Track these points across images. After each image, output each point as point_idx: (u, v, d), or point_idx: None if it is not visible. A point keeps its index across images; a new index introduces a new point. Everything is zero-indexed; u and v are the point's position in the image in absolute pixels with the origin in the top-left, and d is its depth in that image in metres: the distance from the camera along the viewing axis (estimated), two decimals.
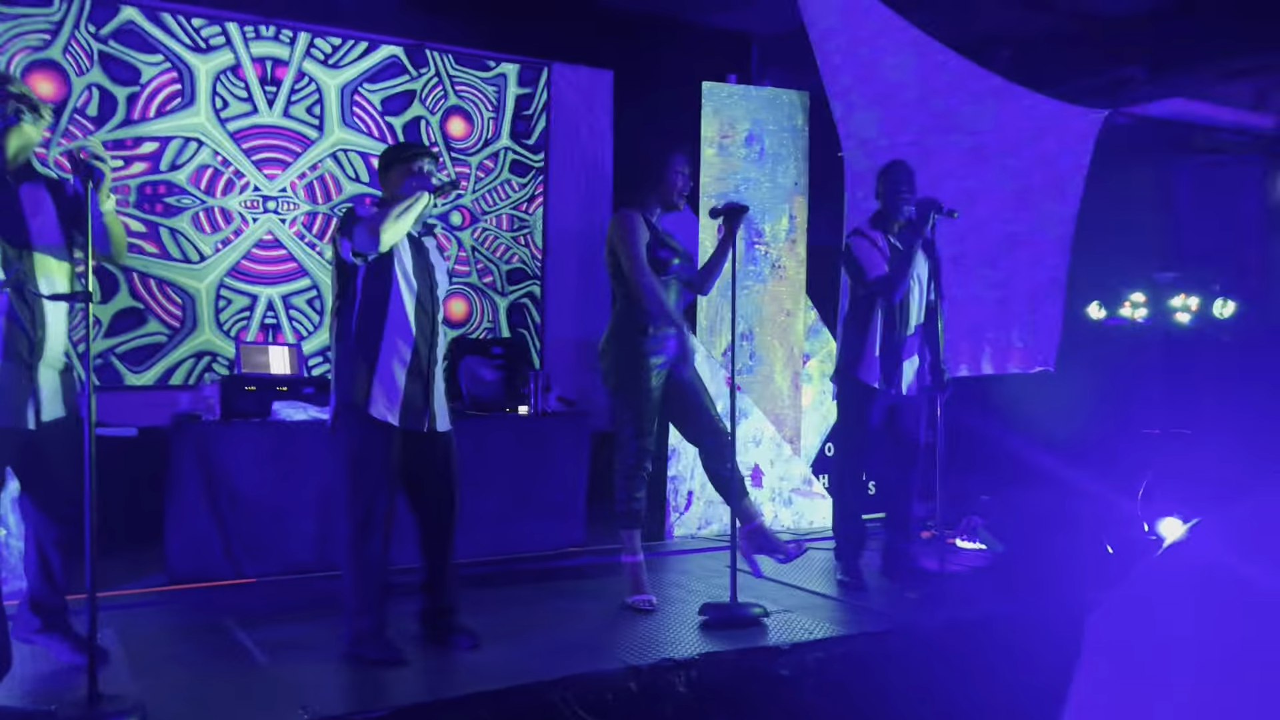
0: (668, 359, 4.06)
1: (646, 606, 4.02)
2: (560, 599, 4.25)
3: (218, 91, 5.97)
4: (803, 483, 5.98)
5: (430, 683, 3.19)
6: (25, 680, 3.17)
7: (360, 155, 6.37)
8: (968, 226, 5.34)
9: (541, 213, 6.99)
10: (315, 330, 6.25)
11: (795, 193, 6.10)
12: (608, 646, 3.50)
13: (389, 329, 3.35)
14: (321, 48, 6.24)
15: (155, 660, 3.38)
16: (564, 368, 6.92)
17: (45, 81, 5.55)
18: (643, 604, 4.03)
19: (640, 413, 4.01)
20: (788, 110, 6.11)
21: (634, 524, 4.08)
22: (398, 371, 3.35)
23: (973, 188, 5.39)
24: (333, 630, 3.59)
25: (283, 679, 3.20)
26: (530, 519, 5.25)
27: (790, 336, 6.07)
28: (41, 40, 5.53)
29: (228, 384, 4.77)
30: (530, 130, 6.93)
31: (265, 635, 3.66)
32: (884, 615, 3.96)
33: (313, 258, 6.24)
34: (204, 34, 5.92)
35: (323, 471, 4.71)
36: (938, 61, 5.28)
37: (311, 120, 6.23)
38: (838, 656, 3.52)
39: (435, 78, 6.59)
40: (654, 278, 3.98)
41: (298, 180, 6.21)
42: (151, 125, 5.79)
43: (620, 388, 4.04)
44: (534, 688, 3.06)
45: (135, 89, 5.76)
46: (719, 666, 3.32)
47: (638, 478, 4.05)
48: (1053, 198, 5.16)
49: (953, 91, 5.30)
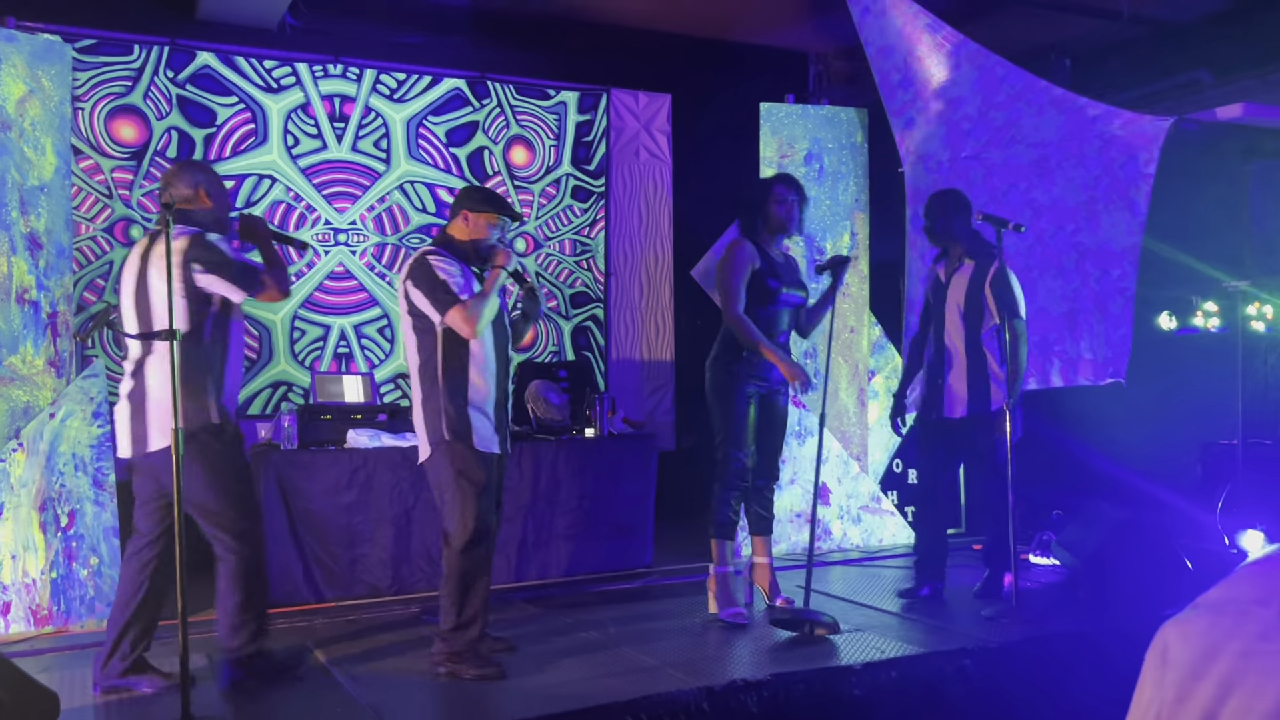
0: (765, 384, 4.28)
1: (739, 620, 4.13)
2: (630, 620, 4.29)
3: (289, 129, 6.17)
4: (871, 500, 5.95)
5: (503, 704, 3.24)
6: (113, 707, 3.29)
7: (426, 186, 6.52)
8: (1034, 239, 5.29)
9: (603, 237, 7.08)
10: (387, 358, 6.40)
11: (856, 209, 6.10)
12: (679, 667, 3.53)
13: (473, 369, 3.54)
14: (387, 83, 6.41)
15: (244, 683, 3.49)
16: (628, 390, 6.98)
17: (128, 126, 5.79)
18: (734, 618, 4.14)
19: (732, 430, 4.22)
20: (846, 128, 6.12)
21: (725, 535, 4.26)
22: (487, 404, 3.56)
23: (1037, 200, 5.35)
24: (409, 653, 3.67)
25: (363, 701, 3.28)
26: (598, 540, 5.30)
27: (855, 353, 6.06)
28: (123, 87, 5.77)
29: (304, 413, 4.91)
30: (591, 156, 7.03)
31: (344, 658, 3.76)
32: (958, 634, 3.93)
33: (382, 287, 6.39)
34: (275, 75, 6.13)
35: (396, 498, 4.82)
36: (997, 74, 5.25)
37: (379, 154, 6.40)
38: (911, 676, 3.50)
39: (497, 108, 6.72)
40: (740, 309, 4.14)
41: (366, 213, 6.38)
42: (227, 164, 6.00)
43: (715, 405, 4.28)
44: (607, 709, 3.10)
45: (211, 130, 5.98)
46: (791, 687, 3.33)
47: (732, 490, 4.25)
48: (1120, 207, 5.09)
49: (1014, 104, 5.27)
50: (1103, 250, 5.19)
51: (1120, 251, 5.15)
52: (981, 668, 3.61)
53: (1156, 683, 1.10)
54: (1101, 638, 3.86)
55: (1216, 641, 1.06)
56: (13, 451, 4.21)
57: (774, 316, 4.25)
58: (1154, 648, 1.12)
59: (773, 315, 4.25)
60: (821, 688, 3.37)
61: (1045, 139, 5.27)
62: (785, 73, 7.11)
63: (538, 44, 6.62)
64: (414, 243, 6.48)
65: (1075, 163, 5.22)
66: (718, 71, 6.99)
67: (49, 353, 4.44)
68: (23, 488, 4.21)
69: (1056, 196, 5.29)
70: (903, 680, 3.48)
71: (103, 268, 5.73)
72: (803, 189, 4.35)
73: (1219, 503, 5.44)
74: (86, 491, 4.33)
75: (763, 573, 4.49)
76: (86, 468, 4.34)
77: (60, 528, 4.27)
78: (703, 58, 7.02)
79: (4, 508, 4.16)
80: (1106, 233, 5.17)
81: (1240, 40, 5.61)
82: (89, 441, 4.36)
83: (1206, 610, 1.11)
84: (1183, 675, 1.07)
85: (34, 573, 4.20)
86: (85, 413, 4.36)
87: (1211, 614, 1.10)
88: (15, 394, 4.32)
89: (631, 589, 4.94)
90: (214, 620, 3.52)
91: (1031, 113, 5.25)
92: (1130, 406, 5.73)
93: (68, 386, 4.41)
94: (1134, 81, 6.05)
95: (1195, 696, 1.05)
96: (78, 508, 4.31)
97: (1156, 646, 1.12)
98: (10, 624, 4.15)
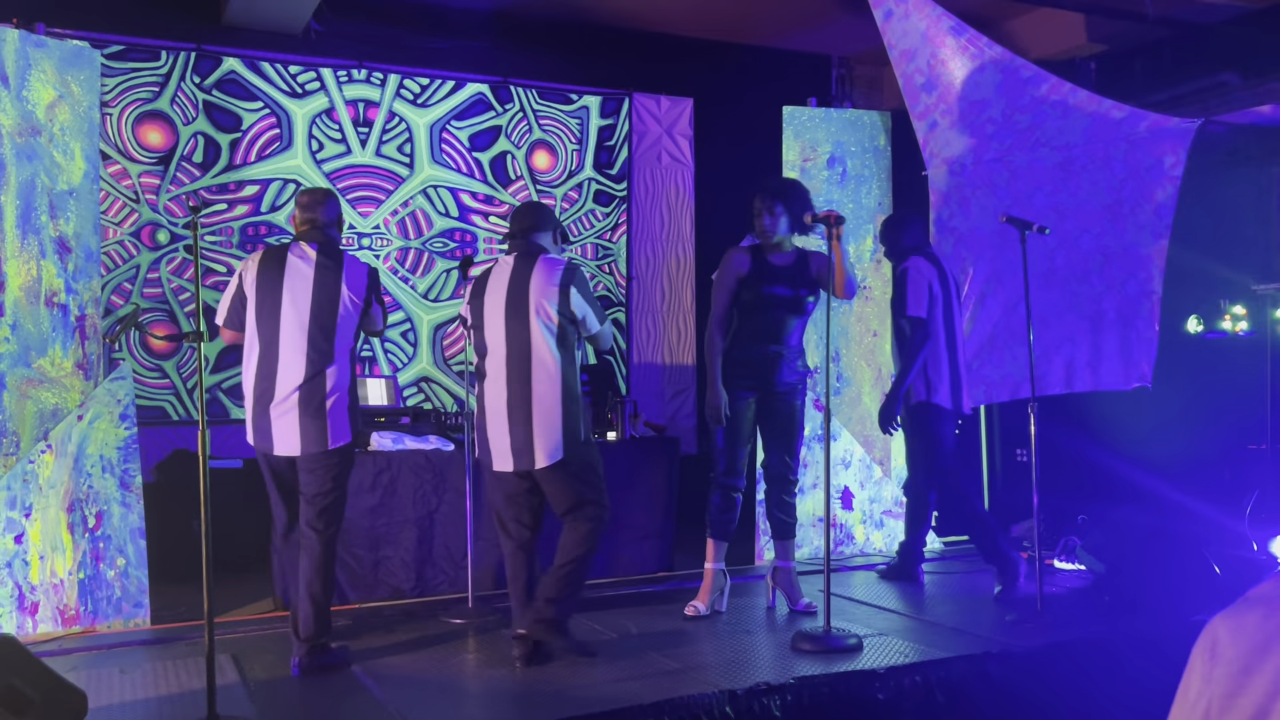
0: (761, 386, 4.35)
1: (690, 613, 4.37)
2: (653, 622, 4.29)
3: (313, 134, 6.21)
4: (894, 504, 5.93)
5: (527, 707, 3.25)
6: (140, 706, 3.32)
7: (450, 191, 6.55)
8: (1058, 242, 5.25)
9: (625, 241, 7.09)
10: (410, 361, 6.43)
11: (879, 213, 6.08)
12: (702, 670, 3.53)
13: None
14: (410, 88, 6.44)
15: (269, 684, 3.52)
16: (650, 394, 6.98)
17: (154, 131, 5.85)
18: (689, 610, 4.38)
19: (725, 433, 4.35)
20: (869, 131, 6.11)
21: (709, 534, 4.43)
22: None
23: (1062, 203, 5.31)
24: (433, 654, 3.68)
25: (387, 702, 3.29)
26: (620, 543, 5.30)
27: (878, 357, 6.04)
28: (150, 93, 5.83)
29: None
30: (613, 160, 7.05)
31: (369, 659, 3.77)
32: (981, 638, 3.91)
33: (406, 292, 6.42)
34: (300, 80, 6.17)
35: (419, 500, 4.84)
36: (1022, 77, 5.22)
37: (402, 158, 6.44)
38: (935, 680, 3.48)
39: (520, 112, 6.75)
40: (714, 322, 4.34)
41: (390, 217, 6.41)
42: (253, 169, 6.05)
43: (706, 408, 4.41)
44: (630, 712, 3.10)
45: (237, 135, 6.03)
46: (814, 690, 3.32)
47: (714, 489, 4.41)
48: (1146, 210, 5.04)
49: (1038, 106, 5.24)
50: (1128, 253, 5.15)
51: (1146, 255, 5.11)
52: (1005, 672, 3.59)
53: (1205, 677, 1.07)
54: (1127, 643, 3.82)
55: (1270, 636, 1.03)
56: (41, 453, 4.26)
57: (773, 321, 4.31)
58: (1203, 641, 1.09)
59: (772, 320, 4.31)
60: (844, 691, 3.35)
61: (1070, 142, 5.23)
62: (808, 76, 7.11)
63: (560, 48, 6.64)
64: (437, 247, 6.51)
65: (1100, 165, 5.18)
66: (740, 75, 6.98)
67: (77, 355, 4.48)
68: (51, 489, 4.25)
69: (1081, 199, 5.26)
70: (926, 684, 3.46)
71: (129, 271, 5.79)
72: (778, 192, 4.36)
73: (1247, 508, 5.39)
74: (114, 493, 4.38)
75: (783, 577, 4.51)
76: (114, 469, 4.38)
77: (88, 529, 4.31)
78: (725, 61, 7.02)
79: (33, 509, 4.21)
80: (1132, 236, 5.13)
81: (1269, 42, 5.55)
82: (116, 443, 4.40)
83: (1259, 603, 1.07)
84: (1234, 670, 1.04)
85: (62, 573, 4.25)
86: (113, 415, 4.41)
87: (1264, 607, 1.06)
88: (44, 396, 4.37)
89: (653, 592, 4.94)
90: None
91: (1056, 115, 5.22)
92: (1157, 411, 5.68)
93: (95, 389, 4.45)
94: (1160, 84, 6.00)
95: (1248, 692, 1.02)
96: (105, 509, 4.35)
97: (1205, 640, 1.08)
98: (38, 624, 4.19)
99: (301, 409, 3.59)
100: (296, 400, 3.58)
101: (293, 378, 3.60)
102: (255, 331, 3.67)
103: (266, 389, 3.62)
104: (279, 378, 3.61)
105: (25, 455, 4.25)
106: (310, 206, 3.79)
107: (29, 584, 4.19)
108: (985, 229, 5.52)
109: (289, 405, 3.59)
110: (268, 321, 3.64)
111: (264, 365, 3.63)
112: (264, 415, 3.63)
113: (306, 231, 3.76)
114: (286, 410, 3.59)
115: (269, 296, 3.65)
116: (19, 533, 4.18)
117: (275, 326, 3.62)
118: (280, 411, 3.60)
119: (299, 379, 3.59)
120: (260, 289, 3.67)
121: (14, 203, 4.31)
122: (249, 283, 3.70)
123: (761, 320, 4.31)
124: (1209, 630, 1.08)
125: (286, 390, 3.60)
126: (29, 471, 4.22)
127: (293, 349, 3.60)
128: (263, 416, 3.63)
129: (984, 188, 5.55)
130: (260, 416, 3.64)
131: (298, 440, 3.60)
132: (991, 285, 5.54)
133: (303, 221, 3.79)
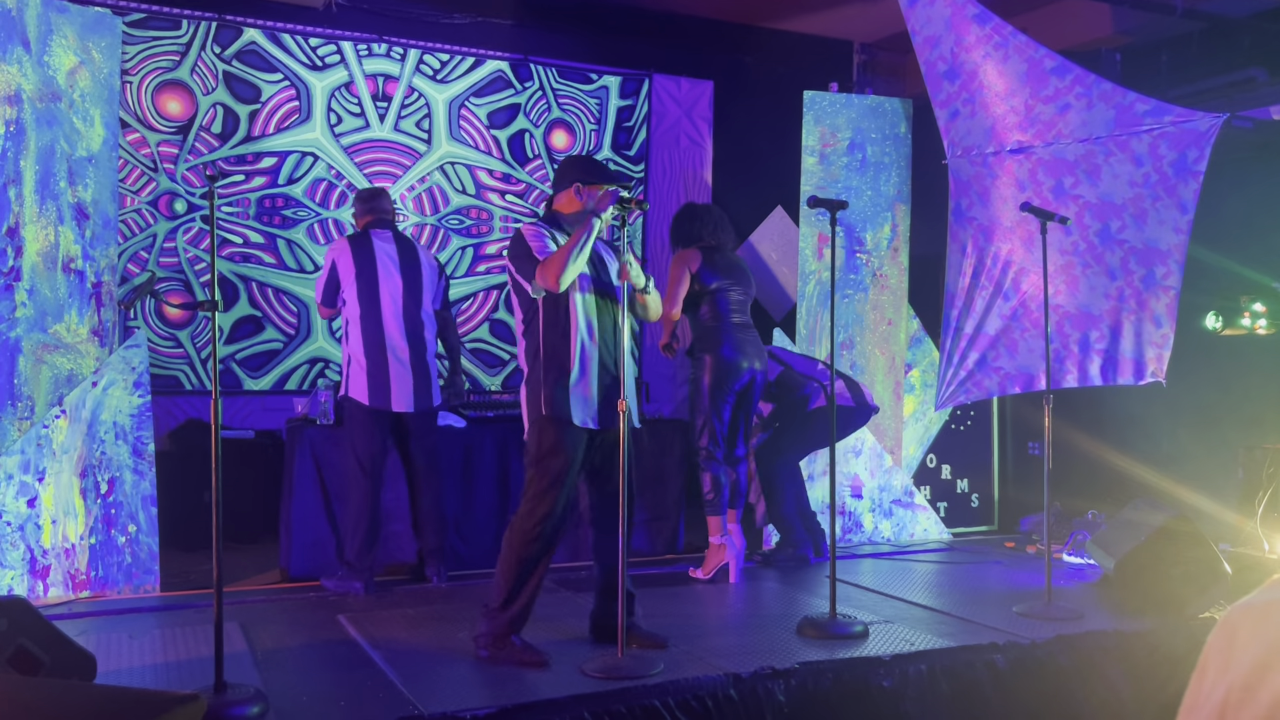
0: (743, 369, 4.75)
1: (696, 576, 4.78)
2: (660, 604, 4.29)
3: (332, 108, 6.20)
4: (903, 493, 5.92)
5: (531, 685, 3.26)
6: (149, 670, 3.34)
7: (467, 167, 6.54)
8: (1078, 234, 5.22)
9: (641, 223, 7.07)
10: None
11: (897, 201, 6.04)
12: (707, 653, 3.53)
13: (575, 342, 3.47)
14: (430, 64, 6.43)
15: (275, 653, 3.53)
16: (663, 377, 6.97)
17: (174, 100, 5.85)
18: (700, 574, 4.78)
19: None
20: (890, 118, 6.06)
21: (708, 511, 4.77)
22: (589, 378, 3.47)
23: (1084, 195, 5.27)
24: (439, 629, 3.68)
25: (392, 674, 3.31)
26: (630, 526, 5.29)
27: (892, 346, 6.01)
28: (171, 62, 5.83)
29: (340, 389, 4.94)
30: (631, 141, 7.02)
31: (375, 632, 3.79)
32: (989, 628, 3.90)
33: None
34: (320, 53, 6.16)
35: None
36: (1045, 67, 5.17)
37: (420, 134, 6.42)
38: (940, 669, 3.48)
39: (539, 91, 6.72)
40: (672, 313, 4.77)
41: (407, 192, 6.40)
42: (271, 141, 6.05)
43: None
44: (634, 691, 3.11)
45: (256, 106, 6.03)
46: (819, 676, 3.32)
47: (707, 470, 4.74)
48: (1167, 205, 5.00)
49: (1061, 97, 5.19)
50: (1149, 248, 5.11)
51: (1167, 250, 5.06)
52: (1012, 663, 3.58)
53: (1222, 668, 1.03)
54: (1135, 638, 3.81)
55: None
56: (56, 418, 4.28)
57: (739, 312, 4.91)
58: (1220, 630, 1.06)
59: (735, 312, 4.90)
60: (849, 678, 3.35)
61: (1094, 134, 5.18)
62: (829, 61, 7.06)
63: (581, 28, 6.61)
64: (453, 224, 6.51)
65: (1123, 158, 5.14)
66: (761, 59, 6.94)
67: (93, 322, 4.50)
68: (64, 454, 4.28)
69: (1103, 192, 5.21)
70: (931, 672, 3.45)
71: (146, 240, 5.80)
72: (685, 211, 5.03)
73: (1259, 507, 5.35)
74: (126, 460, 4.40)
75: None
76: (127, 436, 4.40)
77: (100, 494, 4.33)
78: (746, 44, 6.98)
79: (46, 473, 4.23)
80: (1153, 230, 5.08)
81: None
82: (130, 410, 4.42)
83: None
84: (1253, 663, 1.00)
85: (73, 538, 4.28)
86: (127, 382, 4.42)
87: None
88: (59, 361, 4.38)
89: (661, 574, 4.94)
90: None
91: (1080, 107, 5.17)
92: (1172, 408, 5.64)
93: (110, 356, 4.47)
94: (1186, 78, 5.93)
95: (1266, 686, 0.99)
96: (118, 475, 4.37)
97: (1223, 630, 1.05)
98: (50, 587, 4.22)
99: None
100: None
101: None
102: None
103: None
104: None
105: (40, 420, 4.27)
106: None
107: (41, 548, 4.22)
108: (1005, 219, 5.48)
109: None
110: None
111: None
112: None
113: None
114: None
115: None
116: (32, 496, 4.20)
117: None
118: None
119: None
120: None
121: (33, 168, 4.32)
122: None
123: (731, 317, 4.93)
124: (1227, 620, 1.05)
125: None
126: (43, 436, 4.24)
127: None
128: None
129: (1005, 178, 5.50)
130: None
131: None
132: (1010, 276, 5.51)
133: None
